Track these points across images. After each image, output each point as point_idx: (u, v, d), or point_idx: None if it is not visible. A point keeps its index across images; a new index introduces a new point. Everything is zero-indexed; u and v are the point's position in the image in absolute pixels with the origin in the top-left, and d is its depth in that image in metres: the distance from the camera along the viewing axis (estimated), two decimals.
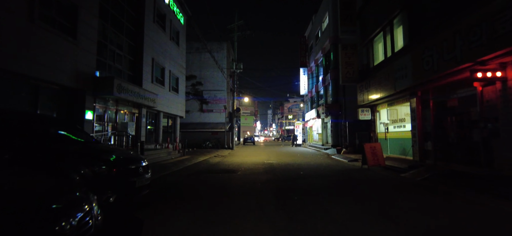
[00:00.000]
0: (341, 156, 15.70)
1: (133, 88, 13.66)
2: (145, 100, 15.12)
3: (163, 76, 19.52)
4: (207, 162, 13.69)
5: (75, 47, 10.60)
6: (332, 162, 13.07)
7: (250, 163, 12.73)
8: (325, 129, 24.68)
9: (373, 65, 12.32)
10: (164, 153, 14.96)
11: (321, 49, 25.26)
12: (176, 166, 11.27)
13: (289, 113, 79.49)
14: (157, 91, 18.02)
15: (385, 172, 9.41)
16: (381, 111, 13.03)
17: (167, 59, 20.03)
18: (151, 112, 18.65)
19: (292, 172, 9.67)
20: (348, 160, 13.25)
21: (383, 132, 12.70)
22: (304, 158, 15.80)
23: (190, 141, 27.01)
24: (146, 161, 5.16)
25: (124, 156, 4.90)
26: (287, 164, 12.39)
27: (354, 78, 13.13)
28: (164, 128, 21.20)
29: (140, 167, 4.74)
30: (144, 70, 16.50)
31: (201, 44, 33.37)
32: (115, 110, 14.20)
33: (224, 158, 16.05)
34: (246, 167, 11.18)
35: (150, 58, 17.44)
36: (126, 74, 15.39)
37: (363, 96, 12.55)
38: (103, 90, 11.86)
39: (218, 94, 31.58)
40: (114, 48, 14.14)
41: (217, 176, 8.92)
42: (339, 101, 21.73)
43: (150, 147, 17.60)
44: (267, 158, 15.49)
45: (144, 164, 5.01)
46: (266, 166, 11.48)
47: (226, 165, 12.09)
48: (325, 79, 24.43)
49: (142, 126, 16.46)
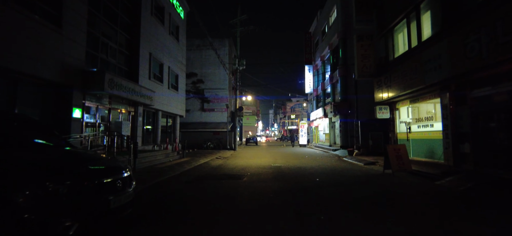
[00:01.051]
0: (354, 158, 14.45)
1: (127, 84, 12.47)
2: (141, 98, 13.93)
3: (161, 72, 18.34)
4: (209, 165, 12.48)
5: (60, 37, 9.41)
6: (346, 166, 11.83)
7: (256, 167, 11.51)
8: (332, 129, 23.42)
9: (394, 58, 11.06)
10: (162, 155, 13.76)
11: (328, 44, 24.00)
12: (173, 170, 10.06)
13: (292, 113, 78.19)
14: (155, 88, 16.81)
15: (414, 178, 8.15)
16: (401, 109, 11.77)
17: (165, 55, 18.84)
18: (148, 111, 17.47)
19: (306, 179, 8.43)
20: (364, 163, 12.00)
21: (403, 132, 11.44)
22: (313, 160, 14.56)
23: (190, 141, 25.80)
24: (128, 170, 3.94)
25: (99, 166, 3.69)
26: (297, 168, 11.16)
27: (370, 72, 11.89)
28: (163, 128, 20.03)
29: (118, 180, 3.52)
30: (141, 66, 15.32)
31: (202, 41, 32.26)
32: (109, 108, 13.01)
33: (226, 160, 14.83)
34: (252, 172, 9.96)
35: (148, 53, 16.27)
36: (121, 69, 14.21)
37: (381, 92, 11.31)
38: (93, 86, 10.67)
39: (219, 92, 30.37)
40: (107, 41, 12.95)
41: (219, 183, 7.69)
42: (348, 100, 20.46)
43: (148, 148, 16.42)
44: (273, 160, 14.26)
45: (126, 175, 3.80)
46: (274, 171, 10.25)
47: (229, 169, 10.88)
48: (333, 77, 23.18)
49: (138, 125, 15.28)
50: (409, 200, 5.81)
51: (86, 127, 11.66)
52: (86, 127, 11.66)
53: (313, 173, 9.59)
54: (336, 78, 22.32)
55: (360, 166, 11.54)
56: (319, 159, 15.36)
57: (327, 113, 23.42)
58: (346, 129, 20.44)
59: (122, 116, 14.31)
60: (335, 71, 22.83)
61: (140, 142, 15.43)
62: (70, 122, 10.05)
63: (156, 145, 17.66)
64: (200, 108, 30.12)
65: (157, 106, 17.55)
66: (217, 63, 31.95)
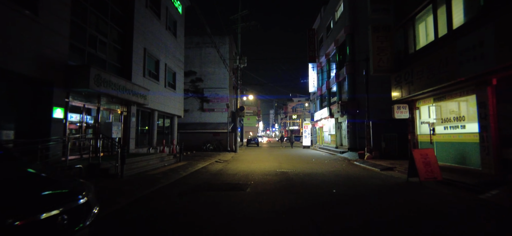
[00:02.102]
0: (366, 162, 13.22)
1: (118, 81, 11.26)
2: (134, 97, 12.73)
3: (157, 70, 17.15)
4: (207, 171, 11.26)
5: (37, 26, 8.22)
6: (361, 172, 10.61)
7: (260, 173, 10.30)
8: (339, 130, 22.20)
9: (415, 50, 9.85)
10: (156, 159, 12.56)
11: (334, 41, 22.80)
12: (167, 178, 8.85)
13: (293, 113, 76.92)
14: (150, 86, 15.63)
15: (449, 190, 6.92)
16: (422, 109, 10.55)
17: (162, 51, 17.64)
18: (143, 111, 16.28)
19: (321, 190, 7.21)
20: (380, 169, 10.79)
21: (426, 133, 10.22)
22: (322, 164, 13.34)
23: (189, 143, 24.64)
24: (86, 194, 2.72)
25: (39, 191, 2.47)
26: (306, 174, 9.94)
27: (387, 67, 10.67)
28: (160, 129, 18.84)
29: (63, 215, 2.30)
30: (134, 62, 14.14)
31: (202, 38, 31.05)
32: (97, 107, 11.82)
33: (227, 164, 13.62)
34: (256, 179, 8.74)
35: (142, 48, 15.08)
36: (113, 65, 13.02)
37: (399, 89, 10.09)
38: (76, 82, 9.46)
39: (220, 92, 29.15)
40: (97, 34, 11.75)
41: (218, 196, 6.48)
42: (356, 99, 19.27)
43: (142, 150, 15.24)
44: (278, 165, 13.04)
45: (82, 201, 2.58)
46: (281, 178, 9.04)
47: (230, 176, 9.66)
48: (339, 74, 21.97)
49: (132, 126, 14.08)
50: (461, 223, 4.59)
51: (71, 128, 10.48)
52: (71, 128, 10.48)
53: (327, 182, 8.37)
54: (342, 76, 21.11)
55: (376, 172, 10.32)
56: (328, 163, 14.13)
57: (333, 113, 22.19)
58: (354, 130, 19.22)
59: (113, 117, 13.12)
60: (341, 69, 21.62)
61: (133, 145, 14.24)
62: (50, 123, 8.85)
63: (152, 148, 16.47)
64: (200, 109, 28.91)
65: (152, 106, 16.37)
66: (217, 61, 30.76)
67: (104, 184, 7.36)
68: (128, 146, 13.79)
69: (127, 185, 7.39)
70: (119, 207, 5.26)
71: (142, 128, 16.19)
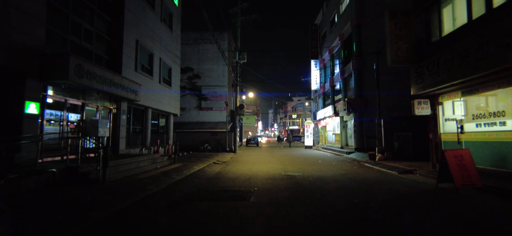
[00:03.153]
0: (379, 164, 12.06)
1: (104, 74, 10.05)
2: (123, 92, 11.52)
3: (151, 64, 15.95)
4: (204, 174, 10.06)
5: (4, 5, 7.02)
6: (377, 176, 9.45)
7: (264, 177, 9.11)
8: (344, 129, 21.03)
9: (440, 37, 8.67)
10: (148, 161, 11.34)
11: (339, 35, 21.64)
12: (157, 183, 7.64)
13: (293, 112, 75.73)
14: (142, 82, 14.43)
15: (495, 200, 5.75)
16: (446, 104, 9.37)
17: (156, 45, 16.43)
18: (136, 109, 15.08)
19: (341, 201, 6.03)
20: (398, 172, 9.62)
21: (451, 132, 9.04)
22: (330, 166, 12.17)
23: (186, 143, 23.41)
24: None
25: None
26: (316, 178, 8.76)
27: (407, 57, 9.50)
28: (155, 128, 17.64)
29: None
30: (125, 54, 12.93)
31: (200, 34, 29.83)
32: (82, 104, 10.59)
33: (226, 166, 12.43)
34: (260, 185, 7.56)
35: (134, 40, 13.88)
36: (100, 57, 11.81)
37: (421, 82, 8.92)
38: (53, 73, 8.25)
39: (218, 90, 27.94)
40: (81, 21, 10.54)
41: (216, 208, 5.28)
42: (364, 96, 18.12)
43: (134, 151, 14.03)
44: (282, 167, 11.86)
45: None
46: (289, 184, 7.86)
47: (230, 180, 8.47)
48: (344, 70, 20.81)
49: (122, 124, 12.87)
50: None
51: (50, 126, 9.25)
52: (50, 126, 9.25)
53: (343, 188, 7.19)
54: (348, 72, 19.95)
55: (395, 176, 9.16)
56: (336, 164, 12.96)
57: (338, 111, 21.02)
58: (361, 129, 18.07)
59: (100, 114, 11.89)
60: (347, 65, 20.45)
61: (123, 145, 13.01)
62: (21, 120, 7.64)
63: (145, 148, 15.24)
64: (197, 107, 27.68)
65: (146, 103, 15.16)
66: (215, 58, 29.54)
67: (80, 192, 6.15)
68: (117, 146, 12.58)
69: (107, 193, 6.18)
70: (86, 226, 4.05)
71: (134, 126, 14.98)
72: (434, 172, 8.77)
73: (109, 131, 12.23)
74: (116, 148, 12.54)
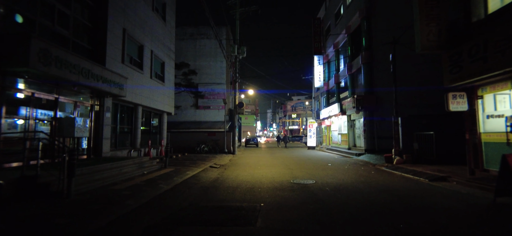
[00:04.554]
0: (399, 168, 10.56)
1: (80, 63, 8.48)
2: (105, 86, 9.95)
3: (141, 57, 14.38)
4: (198, 182, 8.50)
5: None
6: (407, 184, 7.95)
7: (269, 185, 7.58)
8: (351, 129, 19.53)
9: (486, 15, 7.18)
10: (133, 165, 9.77)
11: (345, 27, 20.14)
12: (138, 196, 6.08)
13: (293, 112, 74.19)
14: (131, 76, 12.88)
15: None
16: (487, 98, 7.89)
17: (148, 36, 14.86)
18: (124, 106, 13.52)
19: (380, 227, 4.50)
20: (429, 179, 8.12)
21: (496, 131, 7.54)
22: (343, 171, 10.67)
23: (181, 143, 21.83)
24: None
25: None
26: (335, 189, 7.24)
27: (440, 41, 7.97)
28: (147, 128, 16.08)
29: None
30: (110, 44, 11.37)
31: (196, 29, 28.26)
32: (55, 99, 9.01)
33: (224, 171, 10.88)
34: (267, 199, 6.03)
35: (121, 29, 12.32)
36: (79, 46, 10.25)
37: (459, 71, 7.42)
38: (10, 59, 6.67)
39: (216, 87, 26.38)
40: (54, 2, 8.95)
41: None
42: (374, 92, 16.63)
43: (122, 153, 12.48)
44: (289, 172, 10.34)
45: None
46: (303, 196, 6.33)
47: (229, 190, 6.92)
48: (352, 65, 19.31)
49: (105, 123, 11.28)
50: None
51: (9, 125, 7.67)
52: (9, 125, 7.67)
53: (375, 205, 5.66)
54: (357, 66, 18.46)
55: (426, 185, 7.65)
56: (349, 168, 11.45)
57: (344, 109, 19.52)
58: (372, 129, 16.58)
59: (79, 111, 10.31)
60: (355, 59, 18.95)
61: (107, 147, 11.42)
62: None
63: (134, 150, 13.67)
64: (194, 105, 26.10)
65: (135, 100, 13.60)
66: (213, 54, 27.97)
67: (26, 213, 4.57)
68: (100, 148, 10.99)
69: (65, 213, 4.61)
70: None
71: (122, 126, 13.40)
72: (474, 179, 7.28)
73: (90, 131, 10.66)
74: (99, 151, 10.96)
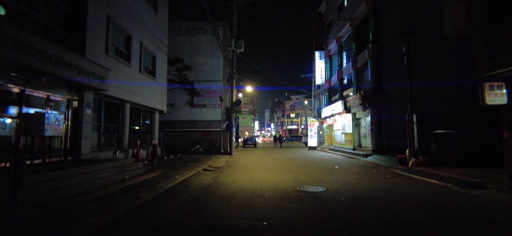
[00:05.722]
0: (416, 171, 9.34)
1: (47, 47, 7.18)
2: (82, 76, 8.63)
3: (129, 49, 13.09)
4: (187, 190, 7.20)
5: None
6: (431, 191, 6.74)
7: (272, 193, 6.33)
8: (357, 128, 18.31)
9: None
10: (114, 169, 8.46)
11: (350, 20, 18.92)
12: (107, 210, 4.79)
13: (291, 111, 72.97)
14: (117, 68, 11.63)
15: None
16: None
17: (136, 25, 13.57)
18: (111, 103, 12.25)
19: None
20: (460, 185, 6.90)
21: None
22: (353, 174, 9.44)
23: (175, 144, 20.49)
24: None
25: None
26: (352, 199, 6.00)
27: (474, 22, 6.69)
28: (137, 127, 14.79)
29: None
30: (90, 31, 10.08)
31: (192, 24, 26.93)
32: (20, 91, 7.70)
33: (219, 175, 9.59)
34: (271, 213, 4.77)
35: (104, 15, 11.05)
36: (52, 31, 8.97)
37: (501, 56, 6.22)
38: None
39: (212, 84, 25.08)
40: None
41: None
42: (382, 89, 15.43)
43: (106, 155, 11.19)
44: (292, 175, 9.09)
45: None
46: (315, 211, 5.09)
47: (224, 201, 5.65)
48: (357, 60, 18.09)
49: (85, 121, 9.98)
50: None
51: None
52: None
53: (411, 222, 4.43)
54: (362, 61, 17.24)
55: (460, 193, 6.43)
56: (360, 172, 10.22)
57: (349, 107, 18.30)
58: (380, 128, 15.36)
59: (51, 106, 8.97)
60: (360, 53, 17.74)
61: (88, 147, 10.11)
62: None
63: (120, 151, 12.37)
64: (188, 103, 24.79)
65: (122, 96, 12.34)
66: (209, 50, 26.67)
67: None
68: (78, 149, 9.68)
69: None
70: None
71: (107, 124, 12.09)
72: None
73: (66, 130, 9.35)
74: (77, 152, 9.65)
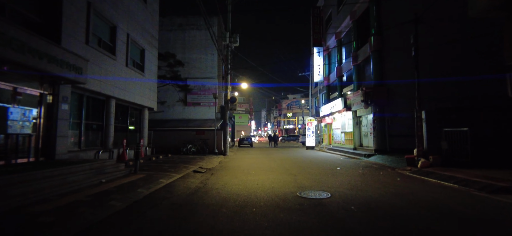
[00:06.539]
0: (428, 173, 8.47)
1: (7, 30, 6.19)
2: (54, 66, 7.62)
3: (113, 40, 12.10)
4: (171, 195, 6.22)
5: None
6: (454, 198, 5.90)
7: (268, 200, 5.39)
8: (357, 126, 17.44)
9: None
10: (89, 171, 7.45)
11: (350, 13, 18.07)
12: (58, 229, 3.78)
13: (288, 110, 72.11)
14: (99, 61, 10.64)
15: None
16: None
17: (122, 16, 12.57)
18: (94, 99, 11.25)
19: None
20: (485, 190, 6.03)
21: None
22: (358, 177, 8.54)
23: (167, 143, 19.44)
24: None
25: None
26: (363, 207, 5.11)
27: None
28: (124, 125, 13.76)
29: None
30: (67, 17, 9.07)
31: (185, 19, 25.94)
32: None
33: (210, 178, 8.61)
34: (267, 228, 3.85)
35: (84, 2, 10.08)
36: (21, 15, 7.98)
37: None
38: None
39: (207, 81, 24.13)
40: None
41: None
42: (385, 85, 14.58)
43: (87, 155, 10.19)
44: (291, 178, 8.17)
45: None
46: (322, 224, 4.18)
47: (211, 210, 4.70)
48: (357, 55, 17.24)
49: (61, 117, 8.96)
50: None
51: None
52: None
53: None
54: (364, 56, 16.39)
55: (488, 199, 5.56)
56: (365, 173, 9.33)
57: (349, 105, 17.44)
58: (383, 127, 14.51)
59: (17, 100, 7.93)
60: (361, 48, 16.90)
61: (64, 147, 9.07)
62: None
63: (104, 151, 11.34)
64: (181, 101, 23.80)
65: (107, 91, 11.36)
66: (203, 46, 25.71)
67: None
68: (53, 148, 8.64)
69: None
70: None
71: (88, 121, 11.05)
72: None
73: (38, 127, 8.31)
74: (51, 152, 8.62)
